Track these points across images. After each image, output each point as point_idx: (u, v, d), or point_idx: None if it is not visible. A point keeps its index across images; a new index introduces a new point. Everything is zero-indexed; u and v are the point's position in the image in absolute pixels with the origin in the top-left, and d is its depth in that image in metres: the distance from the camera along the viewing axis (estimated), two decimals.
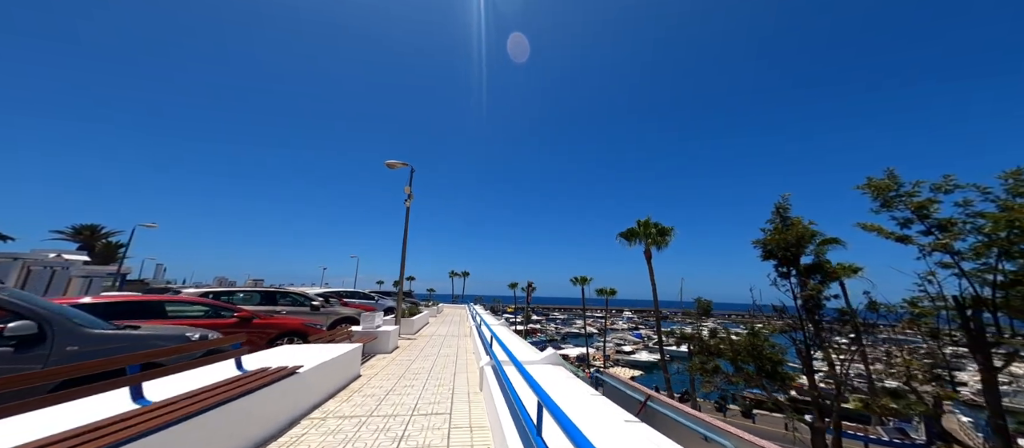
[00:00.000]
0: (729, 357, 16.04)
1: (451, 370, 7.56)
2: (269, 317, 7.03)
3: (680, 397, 37.88)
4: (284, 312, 9.23)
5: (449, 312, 27.40)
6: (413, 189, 14.25)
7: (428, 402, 5.40)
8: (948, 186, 11.41)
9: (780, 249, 12.78)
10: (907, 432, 27.17)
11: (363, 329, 8.77)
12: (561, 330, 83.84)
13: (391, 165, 13.64)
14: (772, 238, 12.88)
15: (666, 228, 23.10)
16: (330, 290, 15.77)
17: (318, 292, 14.68)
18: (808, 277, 12.11)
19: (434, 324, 17.54)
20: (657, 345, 64.02)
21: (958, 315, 10.57)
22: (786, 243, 12.53)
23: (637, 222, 23.96)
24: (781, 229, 13.29)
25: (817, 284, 11.75)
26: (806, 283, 12.30)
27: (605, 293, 41.80)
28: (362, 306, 14.80)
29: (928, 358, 11.14)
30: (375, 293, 20.35)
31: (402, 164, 13.83)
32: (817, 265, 11.97)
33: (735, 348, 15.81)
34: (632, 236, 24.12)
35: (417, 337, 12.65)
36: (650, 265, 23.23)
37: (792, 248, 12.57)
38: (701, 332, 18.96)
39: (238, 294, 8.92)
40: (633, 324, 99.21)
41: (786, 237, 12.65)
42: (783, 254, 12.72)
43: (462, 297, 76.17)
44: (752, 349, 14.14)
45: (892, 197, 12.10)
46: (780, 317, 13.17)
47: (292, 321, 7.40)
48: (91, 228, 31.56)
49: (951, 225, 11.13)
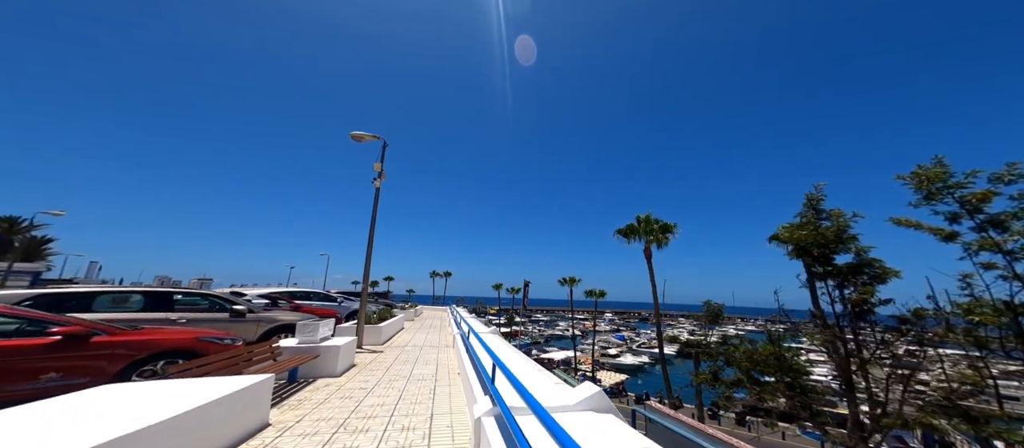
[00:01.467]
0: (745, 367, 14.26)
1: (426, 408, 5.13)
2: (125, 332, 4.42)
3: (671, 403, 36.50)
4: (183, 321, 6.52)
5: (429, 315, 24.75)
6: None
7: None
8: (1011, 176, 9.86)
9: (815, 245, 10.99)
10: (904, 440, 26.44)
11: (298, 344, 6.22)
12: (544, 332, 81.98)
13: (357, 137, 11.09)
14: (806, 233, 11.07)
15: (669, 224, 21.30)
16: (278, 290, 12.96)
17: (261, 293, 11.93)
18: (852, 278, 10.35)
19: (410, 330, 14.96)
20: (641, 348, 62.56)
21: (1012, 323, 9.04)
22: (825, 239, 10.75)
23: (637, 218, 22.10)
24: (815, 222, 11.53)
25: (867, 286, 9.98)
26: (848, 285, 10.55)
27: (594, 295, 39.99)
28: (320, 310, 12.12)
29: (971, 370, 9.60)
30: (342, 294, 17.56)
31: (371, 137, 11.31)
32: (862, 264, 10.22)
33: (754, 358, 14.03)
34: (631, 233, 22.21)
35: (386, 349, 10.12)
36: (650, 264, 21.38)
37: (831, 244, 10.81)
38: (708, 339, 17.27)
39: (103, 295, 6.00)
40: (615, 326, 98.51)
41: (824, 232, 10.87)
42: (820, 252, 10.95)
43: (444, 298, 73.10)
44: (778, 361, 12.35)
45: (938, 189, 10.50)
46: (817, 325, 11.37)
47: (169, 336, 4.79)
48: (9, 220, 27.21)
49: (1013, 219, 9.58)
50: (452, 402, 5.49)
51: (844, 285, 10.67)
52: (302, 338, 6.27)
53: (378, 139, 11.59)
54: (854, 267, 10.38)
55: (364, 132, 11.23)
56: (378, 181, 11.39)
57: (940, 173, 10.36)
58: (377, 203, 11.19)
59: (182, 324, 6.42)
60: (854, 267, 10.38)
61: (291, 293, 13.33)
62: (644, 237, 21.74)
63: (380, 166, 11.65)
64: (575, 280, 40.76)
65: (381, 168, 11.66)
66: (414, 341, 11.89)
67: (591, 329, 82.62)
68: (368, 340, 10.51)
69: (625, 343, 72.29)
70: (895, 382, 9.81)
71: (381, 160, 11.79)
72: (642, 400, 37.43)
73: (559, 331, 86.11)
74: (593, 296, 40.47)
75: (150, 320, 6.10)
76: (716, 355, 15.45)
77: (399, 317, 14.79)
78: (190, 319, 6.58)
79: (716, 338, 17.45)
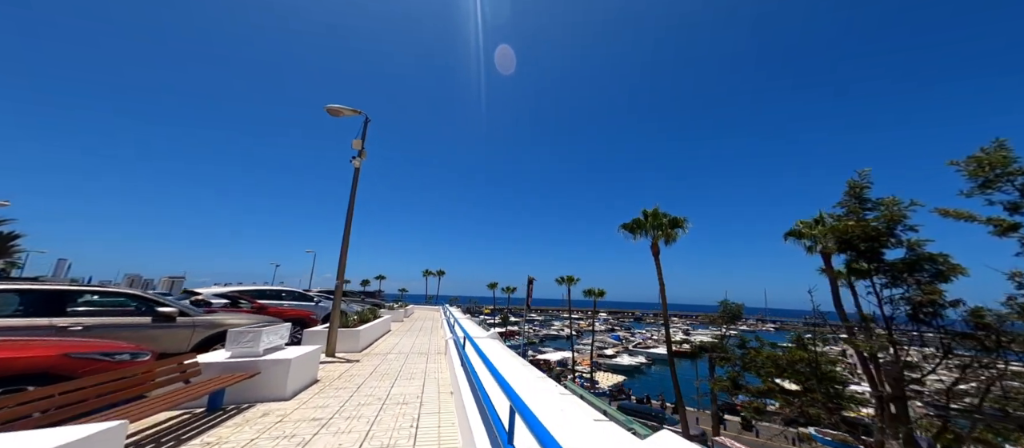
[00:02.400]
0: (770, 373, 12.85)
1: None
2: None
3: (673, 407, 35.19)
4: (78, 328, 4.79)
5: (421, 315, 23.08)
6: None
7: None
8: None
9: (862, 239, 9.59)
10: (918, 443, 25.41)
11: (229, 359, 4.55)
12: (540, 332, 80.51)
13: (334, 111, 9.44)
14: (853, 224, 9.64)
15: (678, 219, 19.85)
16: (242, 288, 11.17)
17: (219, 292, 10.22)
18: (909, 275, 8.95)
19: (397, 333, 13.32)
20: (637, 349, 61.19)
21: None
22: (876, 231, 9.34)
23: (643, 212, 20.64)
24: (859, 213, 10.13)
25: (931, 285, 8.56)
26: (900, 283, 9.16)
27: (593, 294, 38.54)
28: (292, 311, 10.44)
29: None
30: (322, 293, 15.80)
31: (351, 111, 9.67)
32: (920, 259, 8.81)
33: (780, 364, 12.63)
34: (638, 228, 20.74)
35: (364, 357, 8.47)
36: (657, 262, 19.94)
37: (882, 236, 9.41)
38: (725, 341, 15.91)
39: None
40: (610, 326, 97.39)
41: (873, 225, 9.44)
42: (868, 246, 9.54)
43: (437, 298, 71.32)
44: (812, 368, 10.94)
45: (998, 175, 9.14)
46: (862, 329, 9.96)
47: (15, 353, 3.16)
48: None
49: None
50: (442, 441, 3.91)
51: (895, 283, 9.29)
52: (235, 350, 4.60)
53: (359, 114, 9.94)
54: (910, 263, 8.98)
55: (343, 106, 9.59)
56: (357, 160, 9.75)
57: (1002, 158, 8.98)
58: (356, 185, 9.55)
59: (77, 332, 4.75)
60: (910, 263, 8.98)
61: (258, 292, 11.59)
62: (651, 232, 20.29)
63: (360, 143, 10.02)
64: (574, 279, 39.31)
65: (362, 146, 10.02)
66: (400, 346, 10.26)
67: (587, 329, 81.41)
68: (343, 346, 8.86)
69: (621, 343, 71.13)
70: (960, 396, 8.46)
71: (362, 137, 10.16)
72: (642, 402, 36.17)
73: (554, 331, 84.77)
74: (592, 295, 39.04)
75: (27, 329, 4.42)
76: (734, 359, 14.08)
77: (384, 318, 13.14)
78: (93, 326, 4.89)
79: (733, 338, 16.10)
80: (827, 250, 18.01)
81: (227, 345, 4.69)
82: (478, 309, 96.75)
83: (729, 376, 13.85)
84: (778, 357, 12.63)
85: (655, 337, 79.23)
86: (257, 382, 4.52)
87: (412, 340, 11.73)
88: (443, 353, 9.42)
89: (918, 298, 8.54)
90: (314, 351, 5.79)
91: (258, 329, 4.70)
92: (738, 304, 16.91)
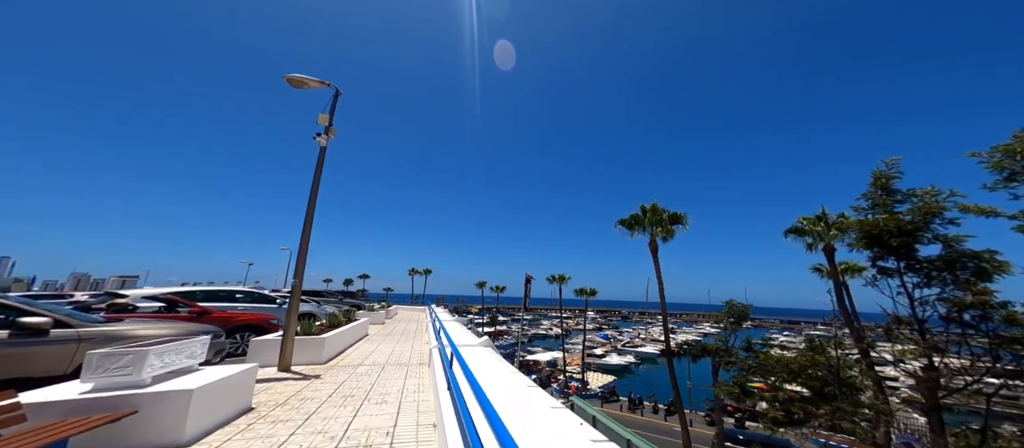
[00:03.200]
0: (782, 378, 11.95)
1: None
2: None
3: (666, 408, 34.54)
4: None
5: (405, 316, 21.54)
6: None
7: None
8: None
9: (895, 234, 8.64)
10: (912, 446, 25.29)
11: (84, 395, 2.92)
12: (528, 331, 79.46)
13: (296, 82, 7.97)
14: (887, 218, 8.67)
15: (678, 214, 18.89)
16: (180, 290, 9.40)
17: (150, 293, 8.60)
18: (948, 274, 8.03)
19: (375, 338, 11.86)
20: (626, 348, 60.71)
21: None
22: (913, 225, 8.39)
23: (642, 207, 19.61)
24: (888, 206, 9.20)
25: (971, 282, 7.64)
26: (936, 283, 8.25)
27: (585, 293, 37.56)
28: (246, 317, 8.91)
29: None
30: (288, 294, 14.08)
31: (317, 83, 8.22)
32: (961, 256, 7.90)
33: (791, 369, 11.73)
34: (635, 224, 19.71)
35: (327, 371, 7.04)
36: (656, 259, 18.96)
37: (918, 231, 8.48)
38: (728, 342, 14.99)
39: None
40: (597, 325, 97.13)
41: (905, 219, 8.51)
42: (901, 242, 8.60)
43: (423, 297, 69.40)
44: (833, 373, 10.01)
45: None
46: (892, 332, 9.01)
47: None
48: None
49: None
50: None
51: (930, 282, 8.39)
52: (98, 380, 3.09)
53: (327, 86, 8.46)
54: (950, 261, 8.07)
55: (309, 76, 8.10)
56: (323, 138, 8.25)
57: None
58: (321, 166, 8.07)
59: None
60: (950, 261, 8.07)
61: (207, 293, 9.93)
62: (650, 229, 19.29)
63: (328, 119, 8.51)
64: (565, 278, 38.25)
65: (329, 122, 8.52)
66: (375, 356, 8.82)
67: (576, 328, 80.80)
68: (304, 357, 7.39)
69: (609, 342, 70.69)
70: None
71: (331, 112, 8.66)
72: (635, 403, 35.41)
73: (542, 330, 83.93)
74: (584, 294, 38.07)
75: None
76: (742, 363, 13.17)
77: (360, 322, 11.66)
78: None
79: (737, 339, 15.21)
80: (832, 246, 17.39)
81: (83, 374, 3.20)
82: (466, 308, 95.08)
83: (736, 381, 12.90)
84: (790, 361, 11.75)
85: (643, 336, 79.22)
86: (137, 423, 3.06)
87: (391, 347, 10.30)
88: (427, 364, 8.06)
89: (967, 300, 7.60)
90: (245, 371, 4.36)
91: (140, 349, 3.25)
92: (745, 304, 16.06)
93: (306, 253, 7.34)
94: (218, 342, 6.09)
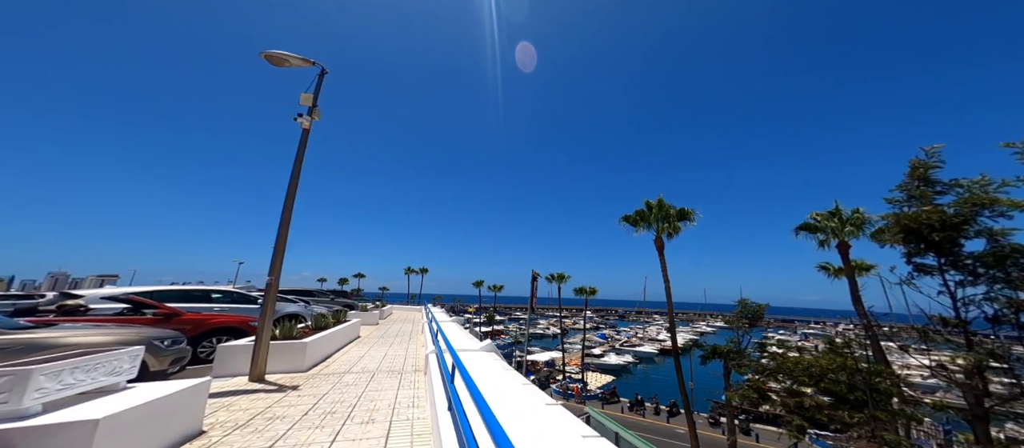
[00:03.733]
0: (803, 382, 11.19)
1: None
2: None
3: (668, 409, 33.86)
4: None
5: (400, 317, 20.65)
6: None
7: None
8: None
9: (938, 228, 7.87)
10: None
11: None
12: (524, 331, 78.62)
13: (277, 60, 7.07)
14: (930, 210, 7.89)
15: (686, 210, 18.10)
16: (135, 291, 8.15)
17: (110, 292, 7.65)
18: (998, 270, 7.28)
19: (367, 341, 10.97)
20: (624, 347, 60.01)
21: None
22: (961, 219, 7.61)
23: (647, 203, 18.81)
24: (928, 197, 8.43)
25: None
26: (982, 280, 7.50)
27: (584, 292, 36.79)
28: (221, 319, 8.01)
29: None
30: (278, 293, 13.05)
31: (301, 60, 7.31)
32: (1016, 251, 7.13)
33: (812, 372, 10.97)
34: (641, 220, 18.91)
35: (309, 380, 6.15)
36: (662, 257, 18.18)
37: (965, 225, 7.71)
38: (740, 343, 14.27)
39: None
40: (594, 324, 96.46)
41: (952, 211, 7.74)
42: (944, 236, 7.84)
43: (420, 296, 68.40)
44: (864, 378, 9.26)
45: None
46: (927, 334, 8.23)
47: None
48: None
49: None
50: None
51: (976, 280, 7.63)
52: None
53: (311, 64, 7.54)
54: (1000, 255, 7.31)
55: (290, 53, 7.17)
56: (306, 120, 7.33)
57: None
58: (303, 151, 7.16)
59: None
60: (1000, 255, 7.31)
61: (181, 292, 8.93)
62: (656, 225, 18.51)
63: (311, 99, 7.59)
64: (564, 276, 37.44)
65: (313, 103, 7.60)
66: (365, 361, 7.94)
67: (573, 327, 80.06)
68: (283, 364, 6.49)
69: (607, 341, 70.05)
70: None
71: (315, 93, 7.73)
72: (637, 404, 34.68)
73: (539, 330, 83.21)
74: (583, 294, 37.29)
75: None
76: (757, 366, 12.42)
77: (350, 323, 10.77)
78: None
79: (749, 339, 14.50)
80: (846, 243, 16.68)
81: None
82: (463, 308, 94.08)
83: (752, 385, 12.14)
84: (811, 364, 11.00)
85: (640, 335, 78.72)
86: None
87: (384, 350, 9.42)
88: (423, 371, 7.19)
89: None
90: (193, 387, 3.48)
91: (21, 368, 2.36)
92: (760, 304, 15.29)
93: (284, 246, 6.44)
94: (176, 349, 5.20)
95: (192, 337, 7.34)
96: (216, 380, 5.72)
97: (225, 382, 5.57)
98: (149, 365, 4.79)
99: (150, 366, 4.80)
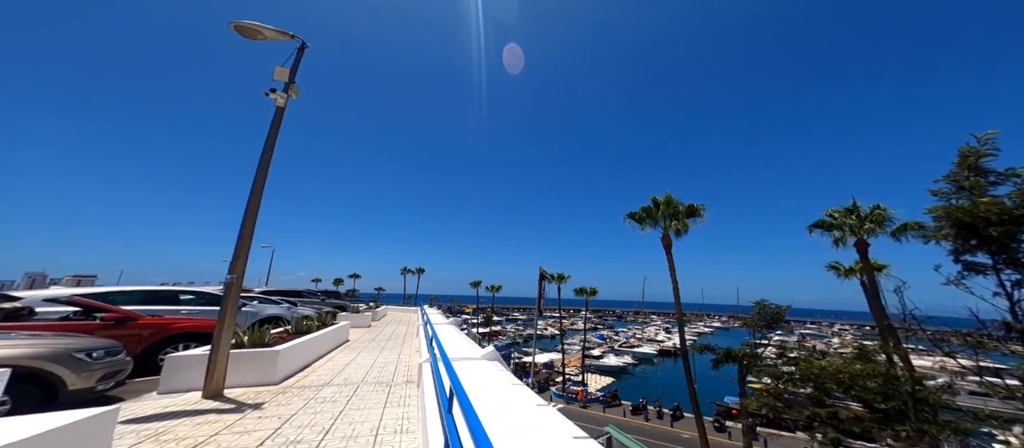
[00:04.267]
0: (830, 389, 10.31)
1: None
2: None
3: (671, 413, 32.99)
4: None
5: (394, 318, 19.65)
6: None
7: None
8: None
9: (992, 222, 7.03)
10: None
11: None
12: (523, 332, 77.68)
13: (249, 32, 6.13)
14: (987, 202, 7.03)
15: (695, 206, 17.25)
16: (89, 292, 7.03)
17: (55, 294, 6.68)
18: None
19: (354, 346, 10.00)
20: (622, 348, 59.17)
21: None
22: (1022, 211, 6.76)
23: (653, 200, 17.95)
24: (982, 188, 7.58)
25: None
26: None
27: (585, 293, 35.92)
28: (187, 323, 7.05)
29: None
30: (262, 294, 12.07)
31: (277, 33, 6.36)
32: None
33: (839, 378, 10.12)
34: (648, 217, 18.05)
35: (278, 396, 5.17)
36: (670, 255, 17.33)
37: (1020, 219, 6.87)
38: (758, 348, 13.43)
39: None
40: (592, 324, 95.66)
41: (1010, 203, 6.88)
42: (1003, 231, 6.99)
43: (416, 297, 67.30)
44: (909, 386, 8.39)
45: None
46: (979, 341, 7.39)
47: None
48: None
49: None
50: None
51: None
52: None
53: (290, 38, 6.57)
54: None
55: (264, 25, 6.21)
56: (281, 97, 6.34)
57: None
58: (277, 130, 6.19)
59: None
60: None
61: (147, 293, 7.87)
62: (663, 222, 17.65)
63: (287, 73, 6.60)
64: (565, 277, 36.56)
65: (289, 78, 6.61)
66: (350, 370, 6.96)
67: (572, 328, 79.22)
68: (249, 376, 5.51)
69: (605, 342, 69.28)
70: None
71: (293, 68, 6.75)
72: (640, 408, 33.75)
73: (537, 330, 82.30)
74: (583, 294, 36.43)
75: None
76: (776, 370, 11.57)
77: (338, 326, 9.80)
78: None
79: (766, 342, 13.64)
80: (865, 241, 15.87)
81: None
82: (460, 308, 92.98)
83: (773, 391, 11.28)
84: (839, 369, 10.14)
85: (638, 336, 78.02)
86: None
87: (372, 357, 8.45)
88: (416, 382, 6.24)
89: None
90: (93, 417, 2.54)
91: None
92: (781, 306, 14.43)
93: (250, 240, 5.47)
94: (108, 362, 4.22)
95: (152, 344, 6.37)
96: (162, 397, 4.74)
97: (171, 400, 4.59)
98: (67, 383, 3.82)
99: (69, 384, 3.84)
